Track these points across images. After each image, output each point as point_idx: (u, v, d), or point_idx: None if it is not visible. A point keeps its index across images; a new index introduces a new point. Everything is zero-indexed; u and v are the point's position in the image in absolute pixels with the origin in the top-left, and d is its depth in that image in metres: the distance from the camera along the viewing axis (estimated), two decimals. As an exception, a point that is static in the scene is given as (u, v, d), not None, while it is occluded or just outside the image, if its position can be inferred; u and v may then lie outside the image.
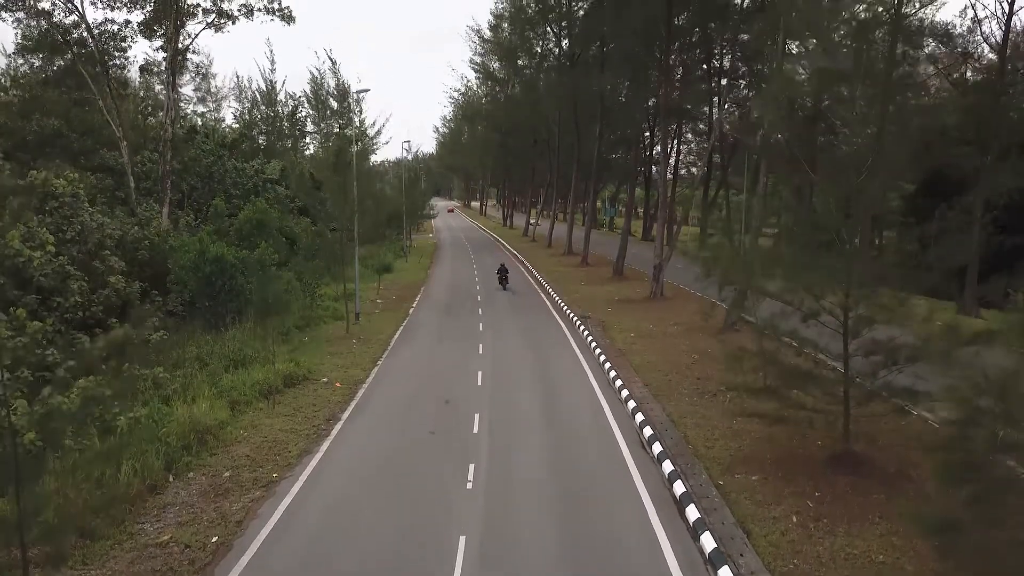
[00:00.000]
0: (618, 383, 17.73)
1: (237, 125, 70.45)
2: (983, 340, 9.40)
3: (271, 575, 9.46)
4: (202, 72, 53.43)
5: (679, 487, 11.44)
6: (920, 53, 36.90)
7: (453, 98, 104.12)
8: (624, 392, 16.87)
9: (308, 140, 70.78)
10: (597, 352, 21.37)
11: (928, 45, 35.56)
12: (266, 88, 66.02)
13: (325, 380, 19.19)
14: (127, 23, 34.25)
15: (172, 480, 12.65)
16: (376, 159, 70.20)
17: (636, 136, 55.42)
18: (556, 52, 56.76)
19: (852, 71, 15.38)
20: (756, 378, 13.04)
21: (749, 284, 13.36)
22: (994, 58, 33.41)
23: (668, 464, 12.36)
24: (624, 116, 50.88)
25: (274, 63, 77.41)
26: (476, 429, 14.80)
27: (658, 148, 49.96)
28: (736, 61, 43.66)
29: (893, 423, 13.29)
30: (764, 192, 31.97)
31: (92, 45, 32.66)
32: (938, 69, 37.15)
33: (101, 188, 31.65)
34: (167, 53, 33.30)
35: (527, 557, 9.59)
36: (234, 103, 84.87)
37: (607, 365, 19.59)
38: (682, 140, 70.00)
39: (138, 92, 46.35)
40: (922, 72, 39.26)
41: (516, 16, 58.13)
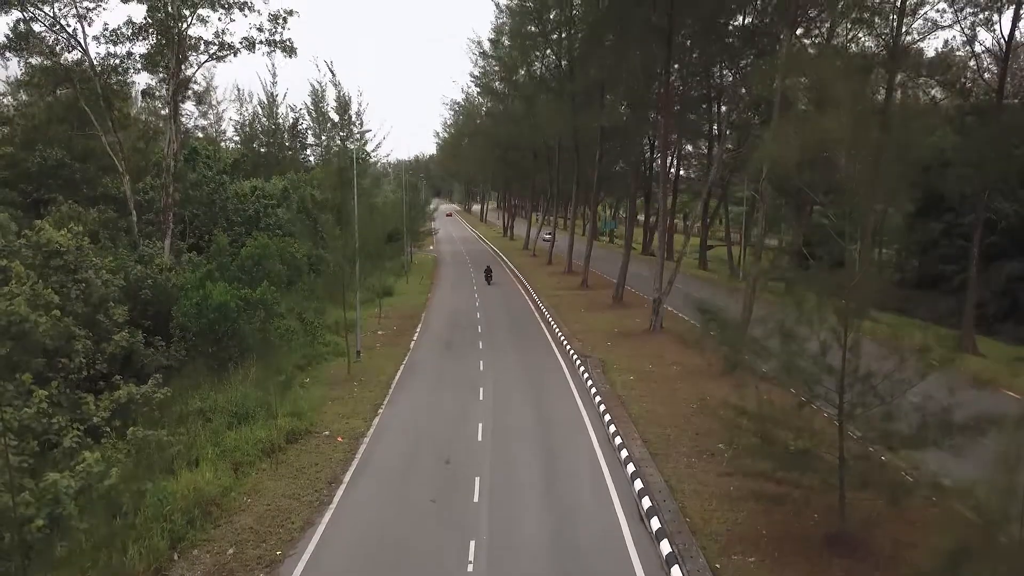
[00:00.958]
0: (617, 440, 17.91)
1: (238, 138, 70.83)
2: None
3: None
4: (202, 94, 53.65)
5: (676, 573, 11.61)
6: (918, 81, 37.10)
7: (454, 110, 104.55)
8: (623, 452, 17.05)
9: (309, 152, 71.14)
10: (597, 400, 21.54)
11: (923, 76, 35.82)
12: (267, 100, 66.31)
13: (327, 433, 19.38)
14: (129, 54, 34.51)
15: (177, 559, 12.81)
16: (376, 159, 70.05)
17: (637, 157, 55.73)
18: (556, 70, 56.90)
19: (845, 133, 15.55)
20: (754, 442, 13.13)
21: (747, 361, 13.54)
22: (994, 73, 33.58)
23: (666, 544, 12.52)
24: (625, 145, 51.30)
25: (275, 76, 77.27)
26: (476, 497, 14.97)
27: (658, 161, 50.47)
28: (735, 87, 43.88)
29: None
30: (764, 216, 32.21)
31: (95, 80, 32.84)
32: (935, 101, 37.34)
33: (104, 222, 31.89)
34: (169, 87, 33.52)
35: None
36: (234, 115, 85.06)
37: (607, 417, 19.76)
38: (682, 158, 70.25)
39: (140, 117, 46.58)
40: (921, 99, 39.50)
41: (516, 31, 58.57)
